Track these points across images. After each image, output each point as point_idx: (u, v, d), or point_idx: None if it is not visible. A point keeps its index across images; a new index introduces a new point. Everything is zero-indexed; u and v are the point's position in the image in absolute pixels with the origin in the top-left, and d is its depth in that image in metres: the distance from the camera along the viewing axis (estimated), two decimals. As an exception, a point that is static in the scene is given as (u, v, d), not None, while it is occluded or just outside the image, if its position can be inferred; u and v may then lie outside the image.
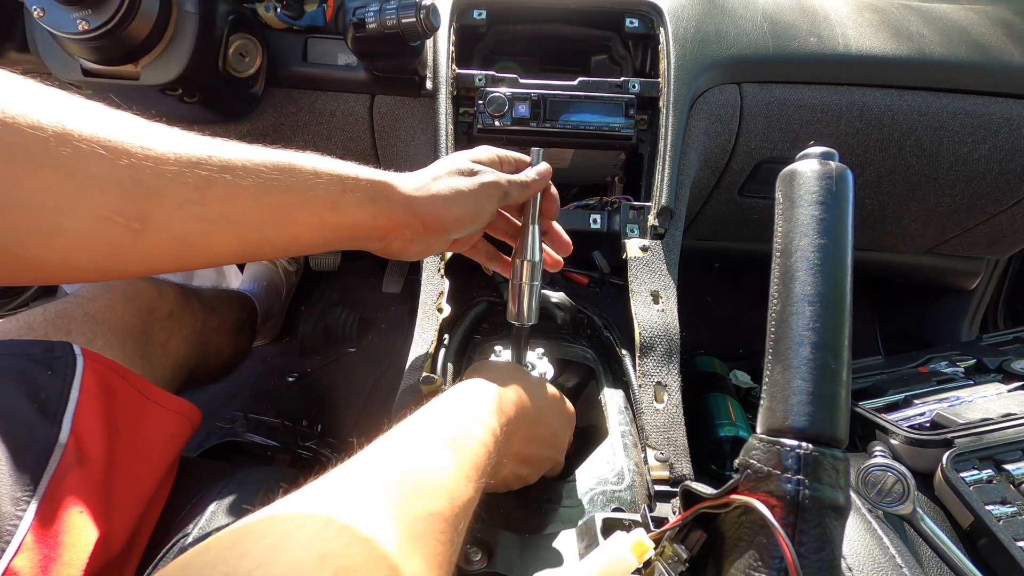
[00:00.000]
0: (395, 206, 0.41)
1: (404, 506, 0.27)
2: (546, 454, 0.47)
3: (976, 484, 0.54)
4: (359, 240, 0.41)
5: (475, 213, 0.44)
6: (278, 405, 1.11)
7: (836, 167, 0.30)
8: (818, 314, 0.28)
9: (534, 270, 0.50)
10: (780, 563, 0.26)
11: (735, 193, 0.84)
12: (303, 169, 0.36)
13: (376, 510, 0.26)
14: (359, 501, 0.26)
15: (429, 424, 0.36)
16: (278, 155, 0.36)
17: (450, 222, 0.43)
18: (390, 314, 1.22)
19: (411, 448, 0.32)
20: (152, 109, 0.67)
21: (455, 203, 0.43)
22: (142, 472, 0.49)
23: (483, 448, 0.35)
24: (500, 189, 0.45)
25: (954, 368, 0.79)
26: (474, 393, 0.41)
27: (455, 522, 0.29)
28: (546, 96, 0.66)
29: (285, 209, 0.35)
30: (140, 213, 0.30)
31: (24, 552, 0.37)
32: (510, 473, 0.44)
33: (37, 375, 0.45)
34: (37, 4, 0.50)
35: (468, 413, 0.38)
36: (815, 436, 0.26)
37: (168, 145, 0.31)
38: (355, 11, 0.57)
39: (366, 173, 0.40)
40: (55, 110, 0.27)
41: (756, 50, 0.71)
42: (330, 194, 0.37)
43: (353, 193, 0.38)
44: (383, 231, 0.41)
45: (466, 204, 0.43)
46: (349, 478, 0.28)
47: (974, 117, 0.74)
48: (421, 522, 0.27)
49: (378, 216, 0.40)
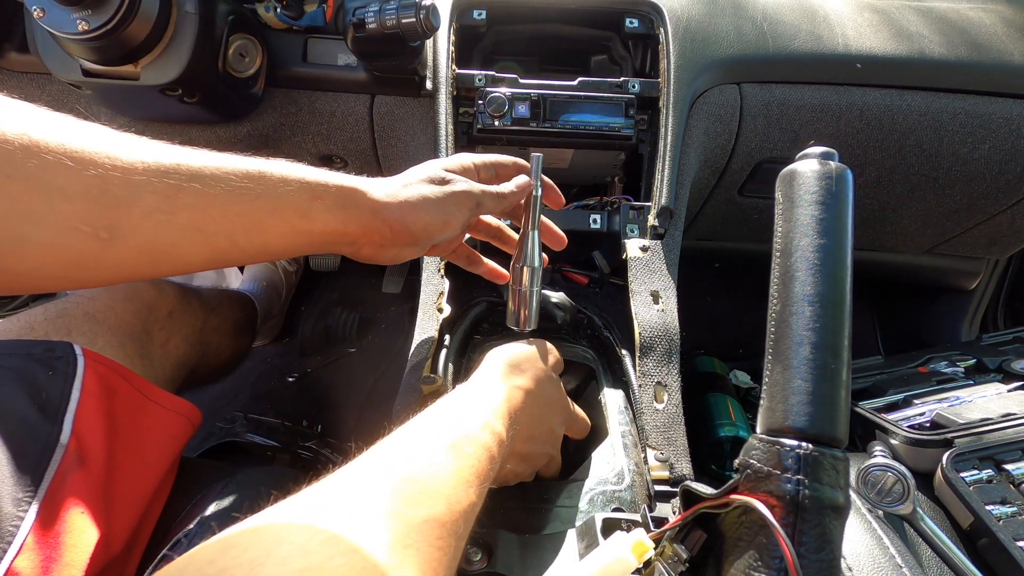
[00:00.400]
0: (364, 212, 0.41)
1: (398, 513, 0.27)
2: (543, 451, 0.47)
3: (976, 484, 0.54)
4: (330, 246, 0.41)
5: (444, 221, 0.44)
6: (278, 405, 1.11)
7: (836, 167, 0.30)
8: (818, 314, 0.28)
9: (534, 275, 0.50)
10: (780, 563, 0.26)
11: (735, 193, 0.84)
12: (273, 176, 0.36)
13: (368, 518, 0.26)
14: (350, 510, 0.26)
15: (430, 428, 0.36)
16: (248, 163, 0.36)
17: (417, 230, 0.43)
18: (390, 314, 1.22)
19: (410, 453, 0.32)
20: (152, 109, 0.67)
21: (423, 211, 0.43)
22: (142, 472, 0.49)
23: (486, 452, 0.35)
24: (472, 199, 0.45)
25: (954, 368, 0.79)
26: (481, 395, 0.41)
27: (453, 528, 0.29)
28: (546, 96, 0.66)
29: (255, 216, 0.36)
30: (108, 222, 0.30)
31: (25, 553, 0.37)
32: (509, 472, 0.44)
33: (38, 375, 0.45)
34: (37, 4, 0.50)
35: (473, 417, 0.38)
36: (815, 436, 0.27)
37: (136, 154, 0.31)
38: (355, 11, 0.57)
39: (336, 179, 0.40)
40: (20, 121, 0.28)
41: (756, 50, 0.71)
42: (300, 201, 0.37)
43: (323, 200, 0.38)
44: (353, 237, 0.41)
45: (434, 212, 0.43)
46: (344, 485, 0.28)
47: (974, 117, 0.74)
48: (415, 529, 0.27)
49: (348, 222, 0.40)
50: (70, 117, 0.30)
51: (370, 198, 0.41)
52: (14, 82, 0.70)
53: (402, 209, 0.42)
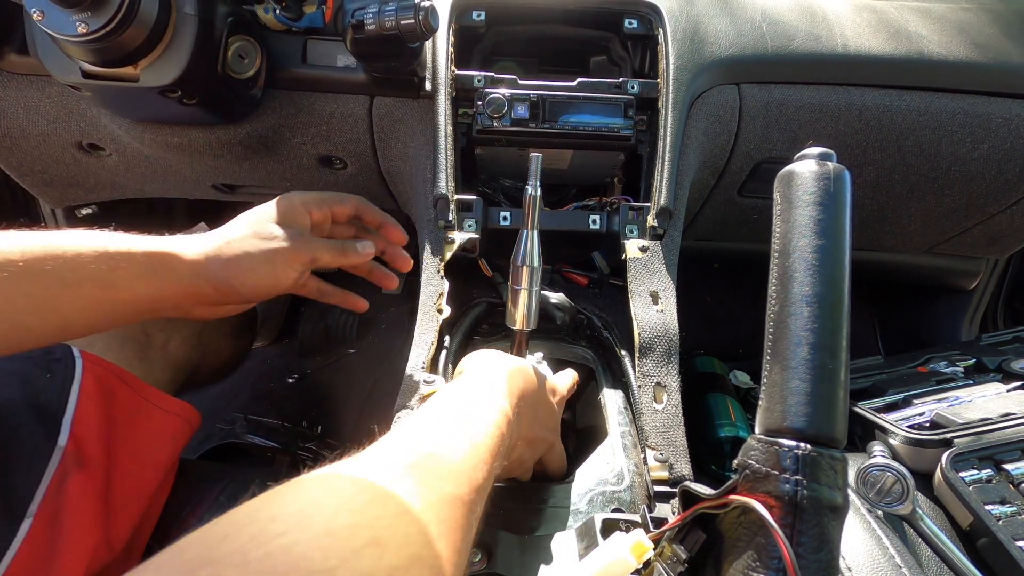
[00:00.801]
0: (181, 276, 0.40)
1: (429, 486, 0.27)
2: (546, 436, 0.47)
3: (975, 484, 0.54)
4: (150, 312, 0.40)
5: (272, 278, 0.43)
6: (278, 406, 1.11)
7: (834, 168, 0.30)
8: (816, 315, 0.28)
9: (533, 275, 0.50)
10: (778, 563, 0.26)
11: (734, 193, 0.84)
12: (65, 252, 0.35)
13: (404, 488, 0.26)
14: (388, 477, 0.26)
15: (447, 409, 0.36)
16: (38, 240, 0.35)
17: (245, 290, 0.42)
18: (390, 315, 1.22)
19: (432, 431, 0.32)
20: (151, 111, 0.67)
21: (249, 270, 0.42)
22: (141, 474, 0.49)
23: (497, 431, 0.36)
24: (304, 256, 0.44)
25: (953, 368, 0.79)
26: (487, 377, 0.41)
27: (472, 507, 0.29)
28: (545, 97, 0.66)
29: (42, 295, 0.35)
30: None
31: (24, 553, 0.37)
32: (516, 459, 0.44)
33: (36, 378, 0.45)
34: (36, 6, 0.50)
35: (483, 398, 0.38)
36: (813, 436, 0.27)
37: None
38: (354, 12, 0.57)
39: (144, 245, 0.39)
40: None
41: (755, 50, 0.71)
42: (99, 272, 0.36)
43: (126, 269, 0.38)
44: (174, 302, 0.40)
45: (261, 271, 0.42)
46: (376, 455, 0.28)
47: (973, 117, 0.74)
48: (446, 504, 0.27)
49: (162, 288, 0.39)
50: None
51: (186, 260, 0.40)
52: (14, 84, 0.70)
53: (227, 268, 0.41)
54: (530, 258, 0.50)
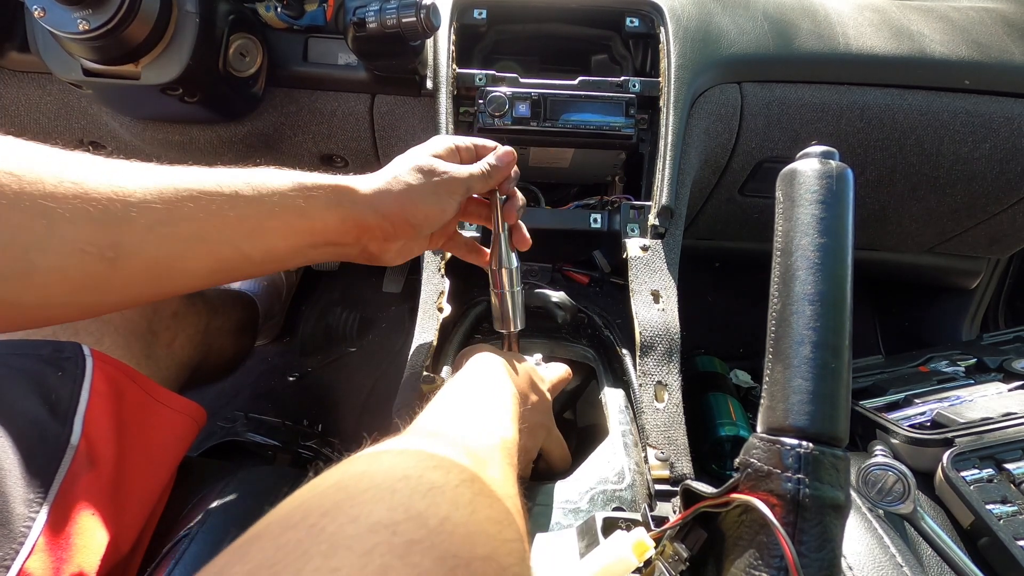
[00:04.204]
0: (360, 208, 0.42)
1: (478, 441, 0.32)
2: (542, 420, 0.49)
3: (976, 483, 0.54)
4: (334, 246, 0.42)
5: (440, 209, 0.45)
6: (279, 405, 1.11)
7: (836, 166, 0.30)
8: (818, 313, 0.28)
9: (512, 276, 0.51)
10: (780, 562, 0.26)
11: (736, 192, 0.84)
12: (266, 179, 0.38)
13: (459, 447, 0.29)
14: (444, 442, 0.29)
15: (462, 387, 0.41)
16: (241, 171, 0.37)
17: (418, 220, 0.44)
18: (390, 314, 1.22)
19: (462, 403, 0.38)
20: (152, 108, 0.67)
21: (419, 201, 0.44)
22: (150, 474, 0.49)
23: (512, 398, 0.41)
24: (462, 184, 0.46)
25: (955, 367, 0.79)
26: (486, 366, 0.45)
27: (512, 454, 0.35)
28: (546, 95, 0.66)
29: (254, 220, 0.37)
30: (112, 241, 0.30)
31: (37, 554, 0.37)
32: (521, 447, 0.45)
33: (47, 376, 0.44)
34: (38, 4, 0.50)
35: (489, 376, 0.43)
36: (815, 435, 0.27)
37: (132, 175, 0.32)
38: (355, 11, 0.57)
39: (326, 179, 0.41)
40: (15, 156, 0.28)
41: (757, 49, 0.71)
42: (295, 200, 0.38)
43: (317, 198, 0.39)
44: (354, 235, 0.42)
45: (429, 202, 0.44)
46: (425, 425, 0.34)
47: (975, 116, 0.74)
48: (495, 450, 0.32)
49: (345, 219, 0.41)
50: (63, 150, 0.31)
51: (362, 194, 0.42)
52: (15, 82, 0.70)
53: (399, 201, 0.43)
54: (506, 260, 0.50)
